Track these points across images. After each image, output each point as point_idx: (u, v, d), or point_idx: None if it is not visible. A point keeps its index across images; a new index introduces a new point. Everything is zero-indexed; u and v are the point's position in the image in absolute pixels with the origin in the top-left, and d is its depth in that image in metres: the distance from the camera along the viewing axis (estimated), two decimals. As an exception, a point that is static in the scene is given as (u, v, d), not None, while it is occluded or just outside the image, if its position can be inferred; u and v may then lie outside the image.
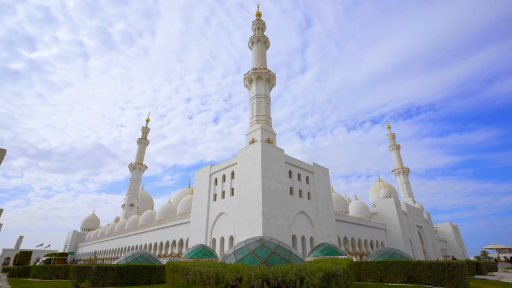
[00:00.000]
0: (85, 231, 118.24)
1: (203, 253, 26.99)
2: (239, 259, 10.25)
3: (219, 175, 43.35)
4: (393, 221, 64.58)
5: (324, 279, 6.46)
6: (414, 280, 16.15)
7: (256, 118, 48.76)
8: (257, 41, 58.12)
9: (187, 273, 7.98)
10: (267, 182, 34.85)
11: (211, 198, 43.41)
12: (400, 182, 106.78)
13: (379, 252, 21.18)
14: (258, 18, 61.58)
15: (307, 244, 38.65)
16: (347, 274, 8.55)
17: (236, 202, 37.16)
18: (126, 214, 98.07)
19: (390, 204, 66.62)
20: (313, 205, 42.41)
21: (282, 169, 38.28)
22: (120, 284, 16.33)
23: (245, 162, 37.81)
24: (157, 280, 17.66)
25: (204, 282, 6.84)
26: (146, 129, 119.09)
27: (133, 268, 16.95)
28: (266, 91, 51.78)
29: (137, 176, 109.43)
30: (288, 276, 5.98)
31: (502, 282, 18.42)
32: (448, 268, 14.95)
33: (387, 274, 17.21)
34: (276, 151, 38.85)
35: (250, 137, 46.75)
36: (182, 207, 58.92)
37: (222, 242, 38.32)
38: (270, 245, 10.85)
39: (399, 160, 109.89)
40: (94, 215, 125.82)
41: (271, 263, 9.68)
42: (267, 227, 32.25)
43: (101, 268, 16.56)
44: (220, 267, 7.00)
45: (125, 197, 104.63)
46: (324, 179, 47.39)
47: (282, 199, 36.17)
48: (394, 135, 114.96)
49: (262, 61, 55.95)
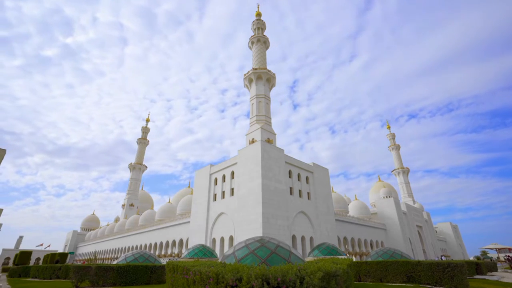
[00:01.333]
0: (85, 231, 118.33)
1: (203, 253, 26.98)
2: (239, 259, 10.25)
3: (219, 175, 43.35)
4: (393, 221, 64.63)
5: (324, 279, 6.46)
6: (414, 280, 16.16)
7: (256, 118, 48.80)
8: (257, 41, 58.13)
9: (187, 273, 7.99)
10: (267, 182, 34.86)
11: (211, 198, 43.43)
12: (400, 182, 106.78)
13: (379, 252, 21.19)
14: (258, 18, 61.56)
15: (307, 244, 38.65)
16: (347, 274, 8.56)
17: (236, 202, 37.17)
18: (126, 214, 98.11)
19: (390, 204, 66.69)
20: (313, 205, 42.42)
21: (282, 169, 38.29)
22: (120, 284, 16.33)
23: (245, 162, 37.82)
24: (157, 280, 17.66)
25: (204, 282, 6.84)
26: (146, 129, 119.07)
27: (133, 268, 16.95)
28: (266, 91, 51.83)
29: (137, 176, 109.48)
30: (288, 276, 5.98)
31: (502, 282, 18.43)
32: (448, 268, 14.95)
33: (387, 274, 17.22)
34: (276, 151, 38.86)
35: (250, 137, 46.77)
36: (182, 207, 58.93)
37: (222, 242, 38.33)
38: (270, 245, 10.85)
39: (399, 160, 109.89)
40: (94, 215, 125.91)
41: (271, 263, 9.67)
42: (267, 227, 32.26)
43: (101, 268, 16.55)
44: (220, 267, 7.00)
45: (125, 197, 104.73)
46: (324, 179, 47.40)
47: (282, 199, 36.18)
48: (394, 135, 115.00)
49: (262, 61, 55.95)
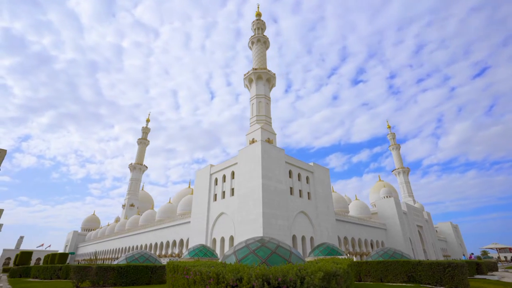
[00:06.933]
0: (86, 231, 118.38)
1: (203, 253, 26.97)
2: (240, 259, 10.25)
3: (219, 175, 43.35)
4: (393, 221, 64.59)
5: (325, 279, 6.46)
6: (415, 280, 16.16)
7: (256, 118, 48.80)
8: (257, 41, 58.12)
9: (188, 273, 7.99)
10: (267, 182, 34.85)
11: (211, 198, 43.43)
12: (400, 182, 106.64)
13: (379, 252, 21.18)
14: (258, 18, 61.53)
15: (307, 244, 38.64)
16: (347, 274, 8.56)
17: (236, 202, 37.16)
18: (126, 214, 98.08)
19: (390, 204, 66.63)
20: (313, 205, 42.41)
21: (282, 169, 38.28)
22: (121, 284, 16.34)
23: (245, 162, 37.82)
24: (158, 280, 17.67)
25: (205, 282, 6.84)
26: (146, 129, 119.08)
27: (134, 268, 16.95)
28: (266, 91, 51.83)
29: (137, 176, 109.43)
30: (288, 276, 5.98)
31: (502, 282, 18.42)
32: (449, 268, 14.94)
33: (388, 274, 17.21)
34: (276, 151, 38.85)
35: (250, 137, 46.77)
36: (182, 207, 58.91)
37: (222, 242, 38.33)
38: (270, 245, 10.84)
39: (399, 160, 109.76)
40: (94, 215, 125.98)
41: (272, 263, 9.67)
42: (267, 227, 32.25)
43: (102, 268, 16.55)
44: (221, 267, 7.00)
45: (125, 197, 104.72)
46: (324, 179, 47.38)
47: (282, 199, 36.17)
48: (394, 135, 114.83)
49: (262, 61, 55.95)
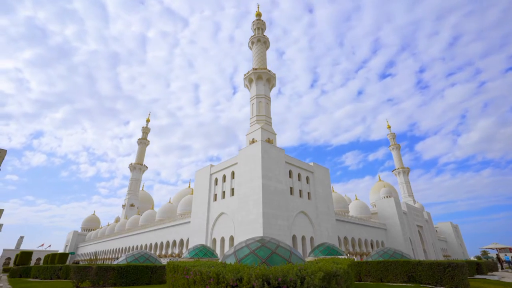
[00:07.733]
0: (86, 231, 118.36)
1: (204, 253, 26.96)
2: (240, 259, 10.25)
3: (220, 175, 43.34)
4: (393, 221, 64.58)
5: (325, 279, 6.46)
6: (415, 280, 16.14)
7: (256, 118, 48.79)
8: (257, 41, 58.12)
9: (188, 273, 7.98)
10: (267, 182, 34.85)
11: (211, 198, 43.42)
12: (400, 182, 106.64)
13: (379, 252, 21.17)
14: (258, 18, 61.55)
15: (307, 244, 38.64)
16: (347, 274, 8.55)
17: (237, 202, 37.16)
18: (126, 214, 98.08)
19: (390, 204, 66.62)
20: (313, 205, 42.40)
21: (282, 169, 38.27)
22: (121, 284, 16.33)
23: (245, 162, 37.81)
24: (158, 280, 17.65)
25: (205, 282, 6.84)
26: (146, 129, 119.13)
27: (134, 268, 16.94)
28: (266, 91, 51.83)
29: (137, 177, 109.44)
30: (288, 276, 5.98)
31: (502, 282, 18.41)
32: (449, 268, 14.92)
33: (388, 274, 17.20)
34: (276, 151, 38.84)
35: (250, 137, 46.76)
36: (183, 207, 58.92)
37: (222, 242, 38.32)
38: (270, 245, 10.84)
39: (399, 160, 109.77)
40: (94, 215, 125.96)
41: (272, 263, 9.66)
42: (267, 227, 32.25)
43: (102, 268, 16.53)
44: (221, 267, 7.00)
45: (125, 197, 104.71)
46: (324, 179, 47.37)
47: (282, 199, 36.17)
48: (394, 135, 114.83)
49: (262, 61, 55.95)
